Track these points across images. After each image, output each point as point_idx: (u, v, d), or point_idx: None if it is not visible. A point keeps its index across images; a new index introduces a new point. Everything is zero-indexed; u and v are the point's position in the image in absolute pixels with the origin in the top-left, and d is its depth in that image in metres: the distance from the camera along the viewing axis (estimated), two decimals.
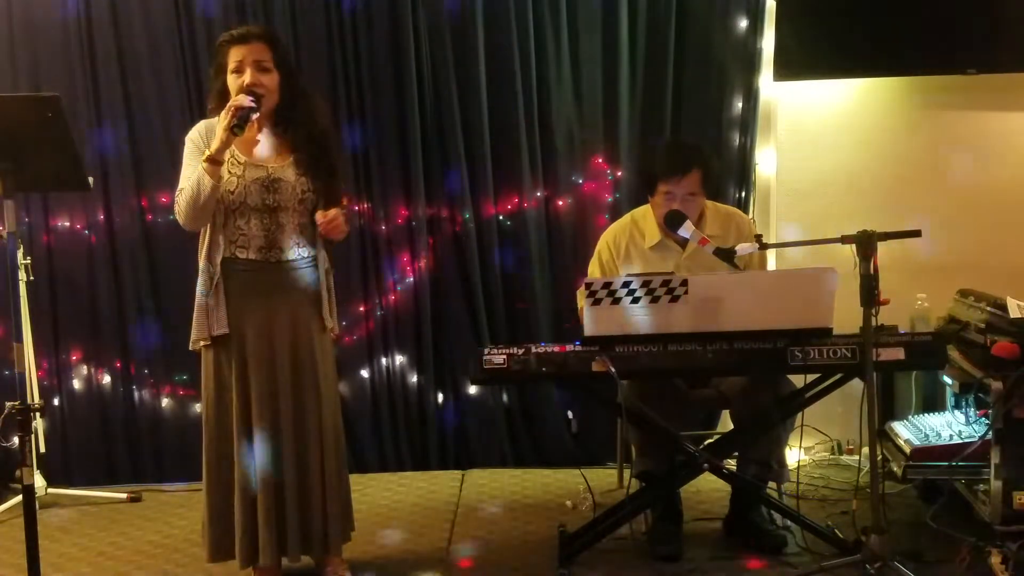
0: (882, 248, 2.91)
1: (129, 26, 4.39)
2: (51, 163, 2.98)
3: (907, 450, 3.45)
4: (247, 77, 3.01)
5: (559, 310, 4.49)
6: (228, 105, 2.95)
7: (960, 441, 3.35)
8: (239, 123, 2.91)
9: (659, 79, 4.41)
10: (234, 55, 3.04)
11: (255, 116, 2.99)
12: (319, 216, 3.07)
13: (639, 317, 3.03)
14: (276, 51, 3.08)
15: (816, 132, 4.45)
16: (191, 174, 3.02)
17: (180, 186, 3.06)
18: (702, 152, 3.59)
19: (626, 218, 3.74)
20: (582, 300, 3.18)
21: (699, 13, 4.40)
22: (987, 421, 3.28)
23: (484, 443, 4.58)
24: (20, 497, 3.09)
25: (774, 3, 4.27)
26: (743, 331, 3.05)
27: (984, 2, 4.25)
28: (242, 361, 3.08)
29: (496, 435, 4.56)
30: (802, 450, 4.37)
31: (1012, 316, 3.35)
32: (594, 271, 3.68)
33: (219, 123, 2.98)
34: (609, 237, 3.69)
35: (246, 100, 2.95)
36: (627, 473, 4.01)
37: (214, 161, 2.95)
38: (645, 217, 3.65)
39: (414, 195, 4.46)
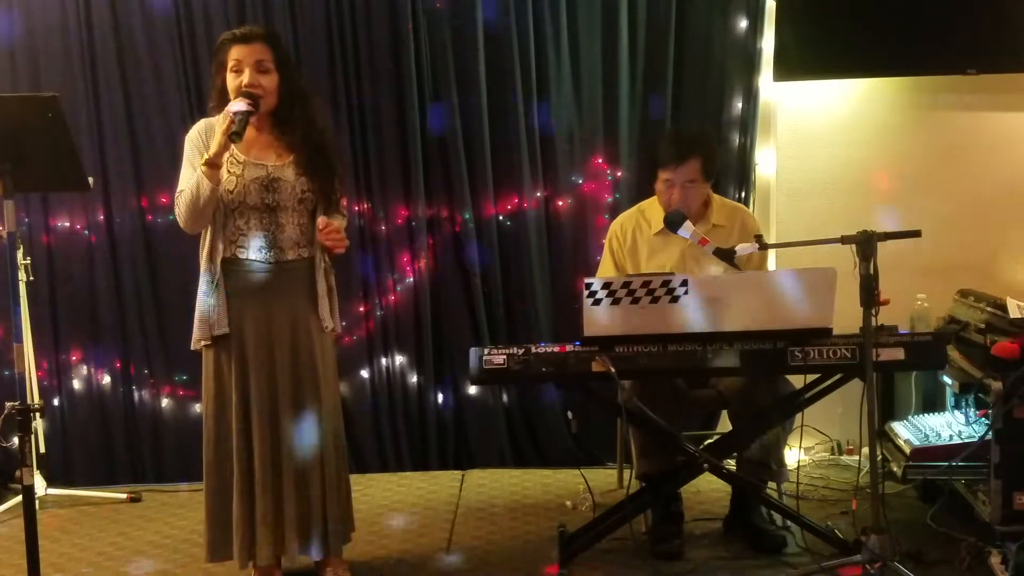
0: (882, 248, 2.91)
1: (129, 26, 4.38)
2: (51, 163, 2.98)
3: (907, 450, 3.45)
4: (245, 77, 3.01)
5: (559, 310, 4.49)
6: (225, 110, 2.95)
7: (960, 441, 3.35)
8: (237, 130, 2.91)
9: (659, 79, 4.41)
10: (234, 54, 3.03)
11: (253, 118, 2.99)
12: (320, 222, 3.05)
13: (639, 317, 3.03)
14: (277, 52, 3.07)
15: (816, 132, 4.45)
16: (191, 175, 3.02)
17: (180, 188, 3.07)
18: (703, 140, 3.62)
19: (633, 209, 3.81)
20: None
21: (699, 13, 4.40)
22: (987, 421, 3.28)
23: (484, 443, 4.58)
24: (20, 497, 3.09)
25: (774, 3, 4.27)
26: (743, 331, 3.05)
27: (984, 2, 4.24)
28: (242, 361, 3.08)
29: (496, 435, 4.56)
30: (802, 450, 4.37)
31: (1012, 316, 3.35)
32: (606, 261, 3.74)
33: (217, 127, 2.98)
34: (616, 227, 3.76)
35: (243, 104, 2.94)
36: (627, 473, 4.01)
37: (212, 165, 2.95)
38: (652, 206, 3.70)
39: (414, 195, 4.46)
